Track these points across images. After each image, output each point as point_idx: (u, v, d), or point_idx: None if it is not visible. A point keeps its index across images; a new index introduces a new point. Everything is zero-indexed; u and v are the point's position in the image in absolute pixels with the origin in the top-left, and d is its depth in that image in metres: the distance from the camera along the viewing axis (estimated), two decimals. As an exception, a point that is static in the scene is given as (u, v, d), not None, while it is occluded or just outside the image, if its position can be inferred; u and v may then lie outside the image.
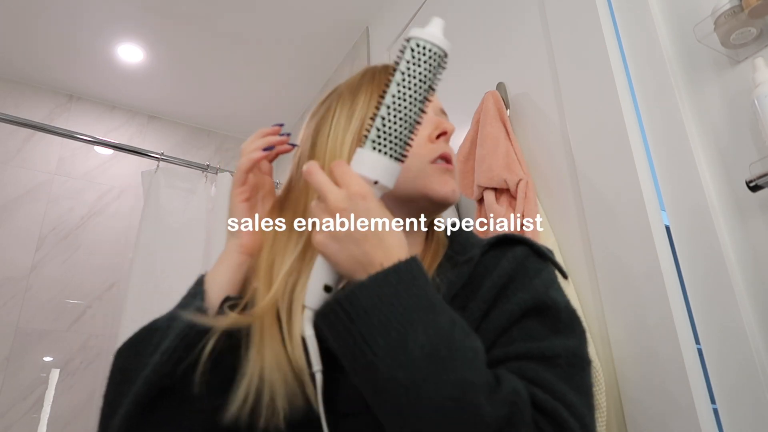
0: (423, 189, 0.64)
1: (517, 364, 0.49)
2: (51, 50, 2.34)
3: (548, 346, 0.51)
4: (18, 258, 2.23)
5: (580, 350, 0.53)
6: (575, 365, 0.51)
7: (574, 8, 1.17)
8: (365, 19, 2.20)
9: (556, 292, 0.57)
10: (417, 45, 0.51)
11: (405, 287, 0.45)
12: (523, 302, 0.54)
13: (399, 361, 0.42)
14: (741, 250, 0.85)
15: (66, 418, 2.08)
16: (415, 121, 0.52)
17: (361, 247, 0.48)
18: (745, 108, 0.87)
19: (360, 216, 0.48)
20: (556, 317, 0.54)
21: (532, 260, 0.59)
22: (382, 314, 0.44)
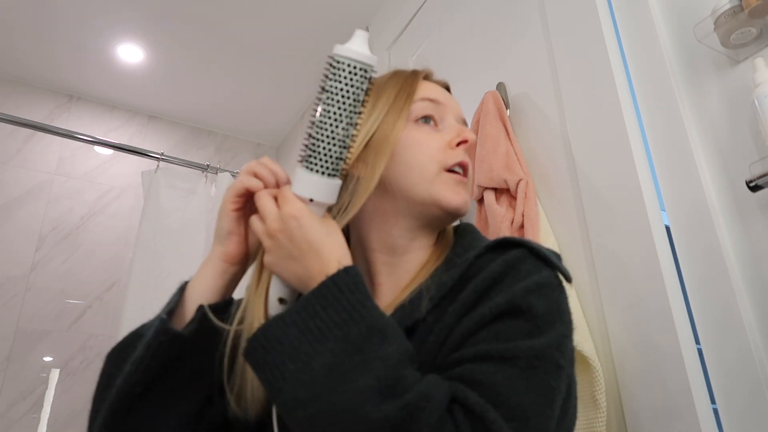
0: (436, 195, 0.64)
1: (470, 366, 0.48)
2: (51, 50, 2.34)
3: (509, 347, 0.49)
4: (18, 258, 2.23)
5: (546, 352, 0.49)
6: (537, 367, 0.48)
7: (575, 8, 1.17)
8: (365, 18, 2.20)
9: (537, 298, 0.53)
10: (336, 62, 0.52)
11: (325, 304, 0.48)
12: (497, 306, 0.52)
13: (301, 381, 0.44)
14: (741, 250, 0.85)
15: (66, 418, 2.08)
16: (345, 137, 0.53)
17: (300, 263, 0.52)
18: (745, 108, 0.87)
19: (293, 234, 0.52)
20: (532, 323, 0.51)
21: (529, 263, 0.56)
22: (294, 340, 0.46)
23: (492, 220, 1.14)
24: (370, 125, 0.65)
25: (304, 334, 0.46)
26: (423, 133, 0.67)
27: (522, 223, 1.09)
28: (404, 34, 1.92)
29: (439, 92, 0.72)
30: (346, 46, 0.52)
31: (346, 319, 0.47)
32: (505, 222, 1.11)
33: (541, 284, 0.54)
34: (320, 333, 0.46)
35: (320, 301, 0.48)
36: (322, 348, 0.45)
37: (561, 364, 0.50)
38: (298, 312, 0.48)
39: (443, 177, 0.65)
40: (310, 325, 0.47)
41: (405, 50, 1.89)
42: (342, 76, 0.52)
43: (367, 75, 0.52)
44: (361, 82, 0.52)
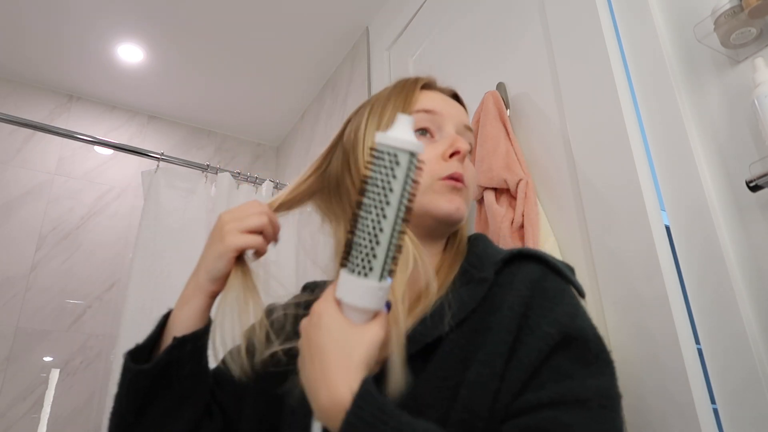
0: (427, 205, 0.65)
1: (550, 413, 0.49)
2: (51, 50, 2.34)
3: (580, 389, 0.50)
4: (18, 258, 2.23)
5: (611, 390, 0.52)
6: (607, 407, 0.50)
7: (574, 8, 1.17)
8: (365, 19, 2.20)
9: (582, 321, 0.55)
10: (384, 152, 0.46)
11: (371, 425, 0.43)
12: (550, 337, 0.53)
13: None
14: (741, 250, 0.85)
15: (66, 418, 2.08)
16: (375, 229, 0.46)
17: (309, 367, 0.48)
18: (745, 108, 0.87)
19: (310, 334, 0.49)
20: (585, 349, 0.53)
21: (550, 280, 0.58)
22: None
23: (492, 220, 1.14)
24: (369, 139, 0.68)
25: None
26: None
27: (522, 223, 1.09)
28: (404, 34, 1.92)
29: (438, 101, 0.72)
30: (387, 133, 0.46)
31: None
32: (505, 222, 1.11)
33: (577, 305, 0.57)
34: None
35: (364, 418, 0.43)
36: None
37: (620, 393, 0.53)
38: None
39: (436, 186, 0.65)
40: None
41: (405, 50, 1.89)
42: (377, 163, 0.46)
43: (398, 161, 0.46)
44: (392, 169, 0.46)
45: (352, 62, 2.27)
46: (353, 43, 2.31)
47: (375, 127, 0.69)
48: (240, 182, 1.98)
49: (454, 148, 0.67)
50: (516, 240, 1.09)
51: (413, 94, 0.71)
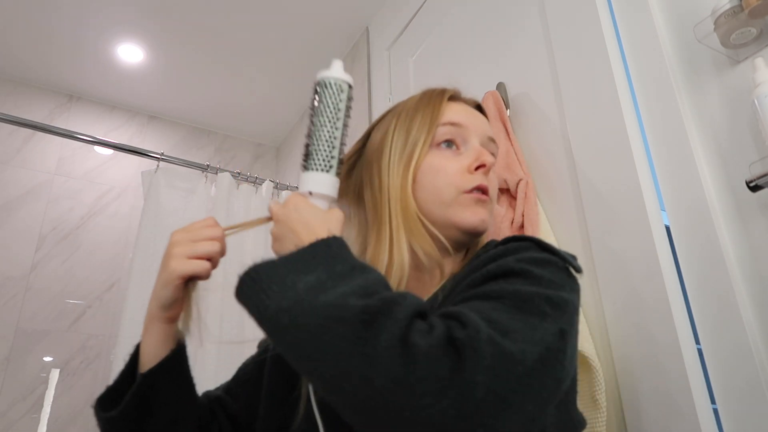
0: (453, 217, 0.66)
1: (458, 307, 0.48)
2: (51, 50, 2.34)
3: (497, 288, 0.49)
4: (18, 258, 2.23)
5: (531, 296, 0.48)
6: (521, 309, 0.46)
7: (574, 8, 1.17)
8: (365, 19, 2.20)
9: (534, 266, 0.52)
10: (317, 85, 0.65)
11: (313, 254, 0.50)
12: (488, 271, 0.53)
13: (285, 296, 0.46)
14: (741, 250, 0.85)
15: (66, 418, 2.08)
16: (332, 138, 0.61)
17: (294, 239, 0.54)
18: (745, 108, 0.87)
19: (291, 217, 0.57)
20: (525, 278, 0.50)
21: (531, 251, 0.56)
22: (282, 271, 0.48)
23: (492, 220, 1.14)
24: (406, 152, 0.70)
25: (290, 270, 0.48)
26: (443, 158, 0.69)
27: (522, 223, 1.09)
28: (404, 34, 1.92)
29: (463, 114, 0.73)
30: (325, 71, 0.65)
31: (331, 261, 0.49)
32: (505, 222, 1.11)
33: (540, 259, 0.54)
34: (306, 267, 0.48)
35: (309, 251, 0.50)
36: (307, 276, 0.47)
37: (548, 312, 0.47)
38: (287, 257, 0.50)
39: (461, 199, 0.67)
40: (298, 265, 0.48)
41: (405, 50, 1.89)
42: (325, 92, 0.63)
43: (342, 89, 0.63)
44: (338, 94, 0.63)
45: (352, 62, 2.27)
46: (353, 43, 2.31)
47: (403, 139, 0.70)
48: (240, 182, 1.98)
49: (479, 162, 0.68)
50: (516, 240, 1.09)
51: (440, 106, 0.72)
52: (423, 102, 0.73)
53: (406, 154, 0.69)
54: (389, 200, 0.68)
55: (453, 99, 0.76)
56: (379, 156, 0.72)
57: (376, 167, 0.72)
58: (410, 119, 0.72)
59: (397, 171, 0.69)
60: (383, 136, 0.73)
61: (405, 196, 0.67)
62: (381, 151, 0.72)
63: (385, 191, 0.68)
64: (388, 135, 0.72)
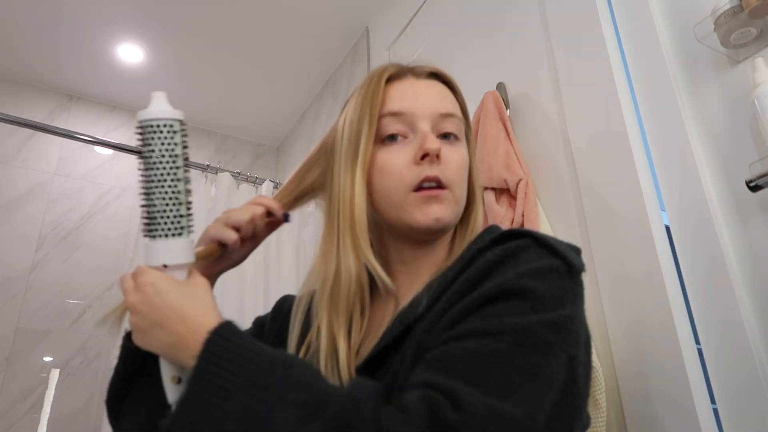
0: (407, 220, 0.62)
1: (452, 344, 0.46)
2: (51, 50, 2.34)
3: (494, 323, 0.46)
4: (18, 258, 2.23)
5: (534, 329, 0.46)
6: (524, 344, 0.44)
7: (574, 8, 1.17)
8: (365, 19, 2.20)
9: (534, 280, 0.49)
10: (141, 128, 0.53)
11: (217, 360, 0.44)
12: (485, 291, 0.49)
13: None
14: (741, 250, 0.85)
15: (66, 418, 2.08)
16: (175, 194, 0.51)
17: (165, 330, 0.48)
18: (745, 108, 0.87)
19: (152, 301, 0.49)
20: (526, 303, 0.48)
21: (531, 252, 0.53)
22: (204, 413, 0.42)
23: (492, 220, 1.14)
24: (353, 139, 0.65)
25: (210, 402, 0.42)
26: (388, 154, 0.63)
27: (522, 223, 1.09)
28: (404, 34, 1.92)
29: (405, 96, 0.65)
30: (147, 110, 0.53)
31: (242, 362, 0.44)
32: (505, 222, 1.11)
33: (540, 269, 0.51)
34: (223, 391, 0.42)
35: (211, 358, 0.44)
36: (230, 405, 0.42)
37: (552, 340, 0.46)
38: (196, 382, 0.44)
39: (410, 199, 0.61)
40: (213, 389, 0.43)
41: (405, 50, 1.89)
42: (150, 138, 0.52)
43: (174, 129, 0.52)
44: (171, 137, 0.52)
45: (352, 62, 2.27)
46: (353, 43, 2.31)
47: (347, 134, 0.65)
48: (240, 182, 1.98)
49: (423, 150, 0.61)
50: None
51: (378, 93, 0.65)
52: (363, 89, 0.66)
53: (351, 152, 0.63)
54: (338, 203, 0.63)
55: (397, 77, 0.68)
56: (331, 152, 0.67)
57: (329, 165, 0.68)
58: (353, 110, 0.66)
59: (344, 170, 0.63)
60: (333, 130, 0.69)
61: (352, 199, 0.62)
62: (332, 148, 0.67)
63: (336, 193, 0.64)
64: (338, 129, 0.67)
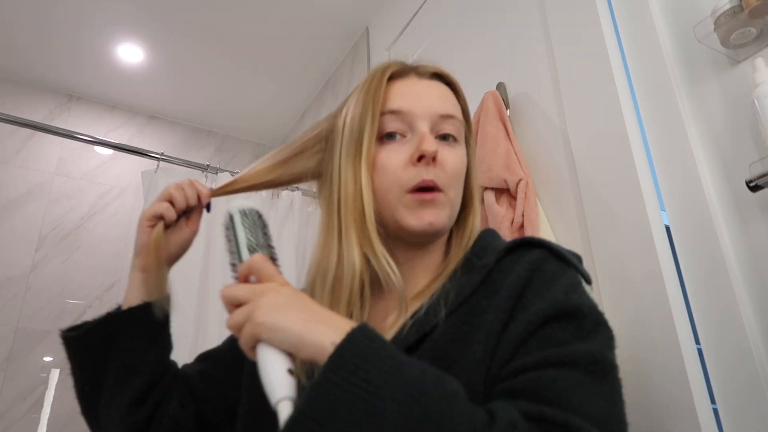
0: (400, 221, 0.62)
1: (532, 375, 0.47)
2: (51, 50, 2.34)
3: (567, 352, 0.48)
4: (18, 258, 2.23)
5: (601, 355, 0.49)
6: (595, 372, 0.47)
7: (575, 8, 1.17)
8: (365, 19, 2.20)
9: (578, 296, 0.53)
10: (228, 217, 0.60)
11: (362, 356, 0.42)
12: (542, 311, 0.51)
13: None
14: (741, 250, 0.85)
15: (66, 418, 2.08)
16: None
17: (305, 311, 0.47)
18: (745, 108, 0.87)
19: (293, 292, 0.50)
20: (579, 323, 0.51)
21: (551, 264, 0.56)
22: (346, 402, 0.40)
23: (492, 220, 1.14)
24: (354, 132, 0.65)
25: (354, 393, 0.40)
26: (386, 152, 0.63)
27: (522, 223, 1.09)
28: (404, 34, 1.92)
29: (407, 96, 0.65)
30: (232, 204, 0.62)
31: (395, 366, 0.42)
32: (505, 222, 1.11)
33: (574, 283, 0.55)
34: (371, 386, 0.40)
35: (355, 353, 0.42)
36: (381, 403, 0.39)
37: (615, 364, 0.50)
38: (334, 371, 0.41)
39: (405, 200, 0.62)
40: (356, 381, 0.40)
41: (405, 50, 1.89)
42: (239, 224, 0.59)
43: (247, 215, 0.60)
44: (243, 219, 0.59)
45: (352, 62, 2.27)
46: (353, 43, 2.31)
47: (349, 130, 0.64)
48: (240, 182, 1.97)
49: (419, 152, 0.61)
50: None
51: (380, 91, 0.65)
52: (365, 86, 0.66)
53: (353, 148, 0.63)
54: (341, 197, 0.63)
55: (399, 75, 0.68)
56: (330, 144, 0.67)
57: (328, 157, 0.67)
58: (354, 105, 0.66)
59: (345, 164, 0.63)
60: (330, 121, 0.69)
61: (358, 195, 0.62)
62: (332, 140, 0.67)
63: (337, 187, 0.64)
64: (338, 123, 0.67)
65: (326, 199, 0.66)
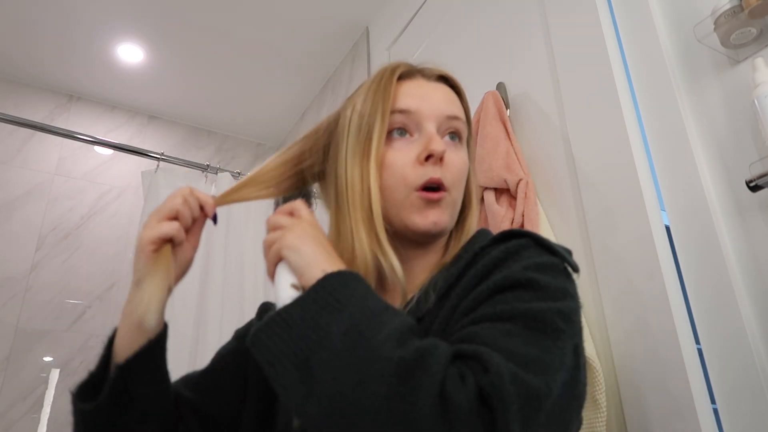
0: (405, 220, 0.63)
1: (469, 328, 0.48)
2: (51, 50, 2.34)
3: (508, 308, 0.48)
4: (18, 258, 2.23)
5: (544, 314, 0.47)
6: (535, 329, 0.46)
7: (574, 8, 1.17)
8: (365, 19, 2.20)
9: (539, 274, 0.51)
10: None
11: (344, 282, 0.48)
12: (494, 282, 0.51)
13: (322, 344, 0.44)
14: (741, 250, 0.85)
15: (66, 418, 2.06)
16: None
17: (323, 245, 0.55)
18: (745, 108, 0.87)
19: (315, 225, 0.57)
20: (532, 293, 0.50)
21: (531, 251, 0.55)
22: (315, 313, 0.46)
23: (492, 220, 1.14)
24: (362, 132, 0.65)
25: (322, 306, 0.46)
26: (394, 150, 0.64)
27: (522, 223, 1.09)
28: (404, 34, 1.92)
29: (416, 96, 0.66)
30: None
31: (364, 294, 0.48)
32: (505, 222, 1.11)
33: (542, 264, 0.53)
34: (339, 304, 0.46)
35: (338, 280, 0.48)
36: (340, 315, 0.45)
37: (561, 327, 0.48)
38: (315, 289, 0.48)
39: (411, 199, 0.62)
40: (330, 300, 0.46)
41: (405, 50, 1.89)
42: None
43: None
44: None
45: (352, 62, 2.27)
46: (353, 43, 2.31)
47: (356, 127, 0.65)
48: (240, 182, 1.97)
49: (428, 151, 0.62)
50: (516, 240, 1.09)
51: (390, 89, 0.65)
52: (374, 84, 0.67)
53: (361, 145, 0.63)
54: (348, 194, 0.63)
55: (407, 76, 0.69)
56: (335, 142, 0.68)
57: (332, 154, 0.67)
58: (362, 103, 0.66)
59: (352, 162, 0.63)
60: (334, 120, 0.69)
61: (366, 193, 0.62)
62: (337, 138, 0.67)
63: (343, 184, 0.64)
64: (345, 121, 0.67)
65: (332, 199, 0.66)
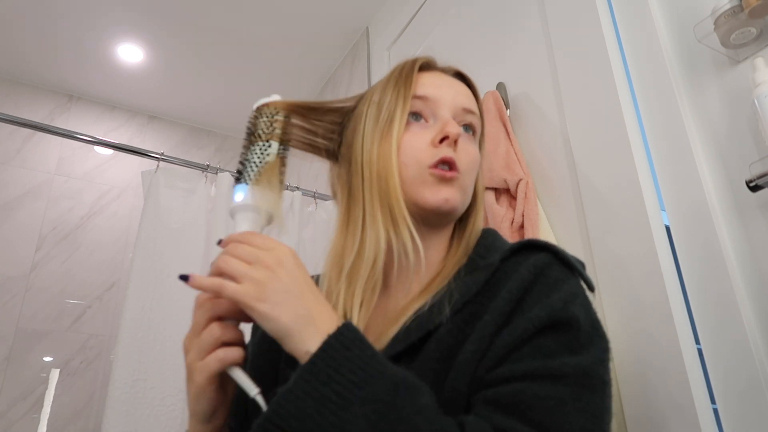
0: (415, 196, 0.63)
1: (519, 386, 0.47)
2: (51, 50, 2.34)
3: (557, 365, 0.48)
4: (18, 258, 2.23)
5: (592, 369, 0.49)
6: (585, 386, 0.47)
7: (574, 8, 1.17)
8: (365, 19, 2.20)
9: (577, 308, 0.53)
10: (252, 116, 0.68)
11: (336, 365, 0.43)
12: (538, 320, 0.51)
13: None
14: (741, 250, 0.85)
15: (66, 418, 2.08)
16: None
17: (302, 302, 0.47)
18: (745, 108, 0.87)
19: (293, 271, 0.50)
20: (574, 334, 0.51)
21: (555, 269, 0.56)
22: (315, 413, 0.40)
23: (492, 220, 1.14)
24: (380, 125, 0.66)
25: (323, 404, 0.40)
26: (411, 133, 0.65)
27: (522, 223, 1.09)
28: (404, 34, 1.92)
29: (434, 86, 0.69)
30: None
31: (366, 378, 0.42)
32: (505, 222, 1.11)
33: (575, 293, 0.55)
34: (341, 399, 0.41)
35: (329, 363, 0.43)
36: (349, 415, 0.40)
37: (606, 380, 0.50)
38: (306, 380, 0.42)
39: (424, 176, 0.63)
40: (327, 392, 0.41)
41: (405, 50, 1.89)
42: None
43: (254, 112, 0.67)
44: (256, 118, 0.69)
45: (352, 62, 2.27)
46: (353, 43, 2.31)
47: (375, 112, 0.66)
48: (240, 182, 1.97)
49: (444, 133, 0.63)
50: (516, 240, 1.09)
51: (411, 77, 0.68)
52: (395, 73, 0.69)
53: (381, 127, 0.65)
54: (366, 176, 0.63)
55: (426, 68, 0.72)
56: (354, 128, 0.68)
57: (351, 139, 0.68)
58: (382, 92, 0.68)
59: (371, 144, 0.64)
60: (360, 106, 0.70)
61: (381, 170, 0.62)
62: (356, 125, 0.68)
63: (359, 166, 0.64)
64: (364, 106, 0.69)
65: (344, 182, 0.67)
